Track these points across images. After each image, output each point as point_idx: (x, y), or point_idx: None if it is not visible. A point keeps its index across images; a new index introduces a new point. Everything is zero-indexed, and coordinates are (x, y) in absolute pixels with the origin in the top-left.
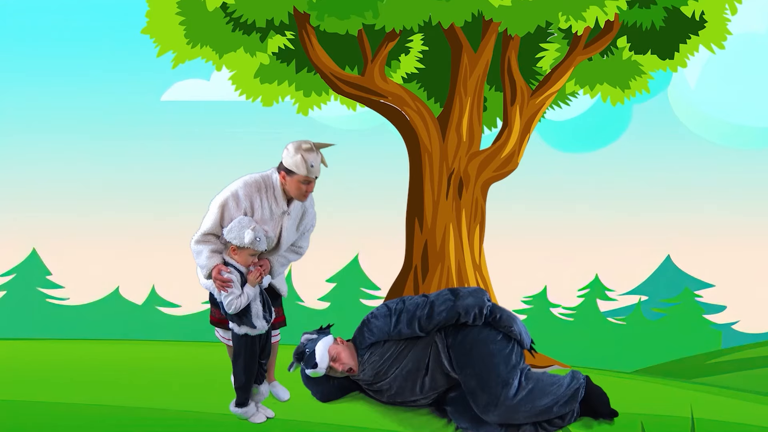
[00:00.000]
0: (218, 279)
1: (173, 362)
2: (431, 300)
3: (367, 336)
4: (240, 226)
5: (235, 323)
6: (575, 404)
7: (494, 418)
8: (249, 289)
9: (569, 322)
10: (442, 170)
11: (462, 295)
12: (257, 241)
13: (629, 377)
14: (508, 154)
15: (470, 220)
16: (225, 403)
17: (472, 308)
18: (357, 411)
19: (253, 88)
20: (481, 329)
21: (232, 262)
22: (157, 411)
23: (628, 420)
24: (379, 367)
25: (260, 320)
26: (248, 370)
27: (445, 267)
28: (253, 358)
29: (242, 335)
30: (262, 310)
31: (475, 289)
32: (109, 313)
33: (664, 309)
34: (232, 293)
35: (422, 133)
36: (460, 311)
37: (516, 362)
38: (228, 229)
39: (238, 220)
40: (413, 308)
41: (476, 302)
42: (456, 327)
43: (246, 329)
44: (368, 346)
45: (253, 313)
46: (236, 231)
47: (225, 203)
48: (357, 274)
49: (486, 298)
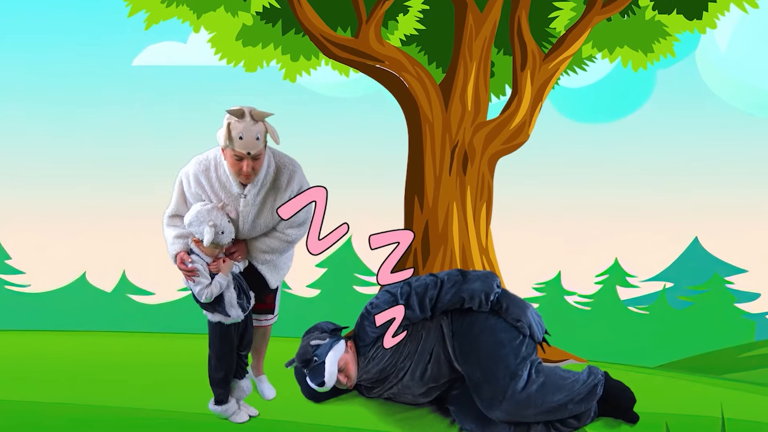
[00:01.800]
0: (182, 269)
1: (146, 356)
2: (441, 279)
3: (370, 330)
4: (198, 221)
5: (209, 311)
6: (592, 402)
7: (500, 414)
8: (220, 278)
9: (586, 312)
10: (444, 143)
11: (470, 278)
12: (219, 235)
13: (652, 373)
14: (518, 124)
15: (476, 198)
16: (204, 402)
17: (478, 294)
18: (352, 411)
19: (235, 52)
20: (489, 316)
21: (196, 251)
22: (128, 410)
23: (652, 420)
24: (387, 361)
25: (234, 309)
26: (225, 362)
27: (447, 250)
28: (229, 350)
29: (216, 323)
30: (237, 298)
31: (486, 273)
32: (75, 302)
33: (691, 297)
34: (200, 282)
35: (423, 102)
36: (464, 295)
37: (527, 354)
38: (188, 221)
39: (196, 212)
40: (422, 289)
41: (483, 288)
42: (462, 312)
43: (219, 317)
44: (372, 342)
45: (226, 302)
46: (195, 225)
47: (180, 184)
48: (350, 258)
49: (495, 284)
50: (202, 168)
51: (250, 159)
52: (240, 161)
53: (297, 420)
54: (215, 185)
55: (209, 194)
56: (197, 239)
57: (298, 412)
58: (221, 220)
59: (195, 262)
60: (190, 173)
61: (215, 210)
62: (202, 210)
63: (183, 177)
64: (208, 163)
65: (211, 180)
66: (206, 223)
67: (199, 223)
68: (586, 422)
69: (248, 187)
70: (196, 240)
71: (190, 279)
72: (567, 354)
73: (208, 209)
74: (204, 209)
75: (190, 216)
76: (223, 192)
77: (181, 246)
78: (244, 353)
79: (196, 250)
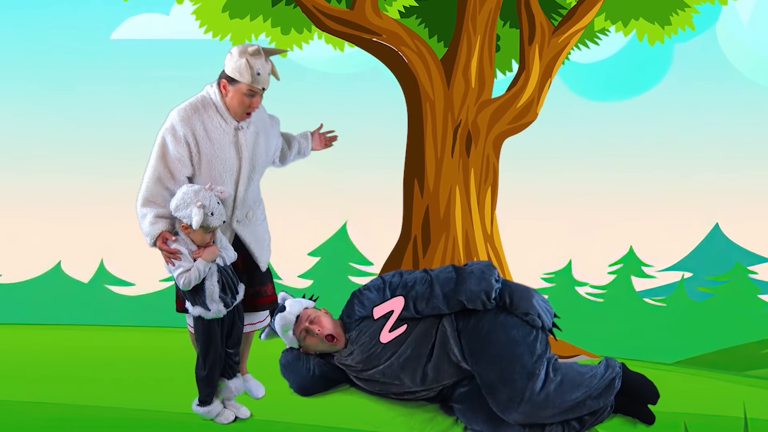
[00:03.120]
0: (164, 249)
1: (126, 352)
2: (432, 277)
3: (357, 309)
4: (185, 203)
5: (189, 302)
6: (610, 397)
7: (517, 416)
8: (201, 264)
9: (598, 304)
10: (446, 122)
11: (465, 276)
12: (209, 217)
13: (670, 369)
14: (526, 103)
15: (480, 181)
16: (189, 401)
17: (477, 294)
18: (345, 408)
19: (221, 24)
20: (498, 312)
21: (184, 237)
22: (106, 410)
23: (669, 420)
24: (370, 349)
25: (216, 303)
26: (209, 359)
27: (450, 238)
28: (214, 347)
29: (197, 317)
30: (219, 292)
31: (480, 268)
32: (49, 293)
33: (712, 288)
34: (180, 266)
35: (423, 78)
36: (462, 299)
37: (542, 351)
38: (174, 205)
39: (182, 194)
40: (411, 283)
41: (481, 287)
42: (467, 309)
43: (200, 310)
44: (358, 320)
45: (207, 294)
46: (183, 208)
47: (163, 145)
48: (345, 246)
49: (494, 278)
50: (192, 110)
51: (260, 95)
52: (252, 97)
53: (289, 420)
54: (210, 124)
55: (203, 137)
56: (186, 224)
57: (290, 411)
58: (210, 201)
59: (178, 242)
60: (177, 122)
61: (203, 191)
62: (188, 191)
63: (166, 133)
64: (198, 103)
65: (204, 119)
66: (194, 204)
67: (186, 204)
68: (602, 418)
69: (243, 122)
70: (184, 225)
71: (170, 261)
72: (578, 349)
73: (195, 190)
74: (191, 190)
75: (176, 200)
76: (217, 132)
77: (163, 226)
78: (232, 351)
79: (183, 236)
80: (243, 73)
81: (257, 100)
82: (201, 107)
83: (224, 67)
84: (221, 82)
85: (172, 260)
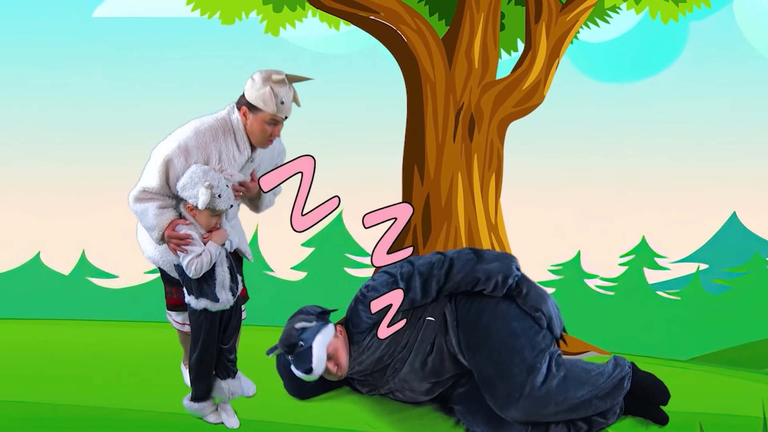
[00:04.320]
0: (173, 237)
1: (108, 347)
2: (450, 257)
3: (365, 316)
4: (193, 182)
5: (193, 295)
6: (619, 398)
7: (516, 414)
8: (212, 247)
9: (609, 297)
10: (448, 105)
11: (486, 257)
12: (216, 199)
13: (684, 366)
14: (532, 84)
15: (484, 168)
16: (177, 400)
17: (495, 274)
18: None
19: (210, 1)
20: (501, 302)
21: (189, 218)
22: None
23: (684, 420)
24: (383, 350)
25: (225, 291)
26: (209, 356)
27: (451, 227)
28: (212, 342)
29: (201, 311)
30: (230, 279)
31: (503, 253)
32: (28, 286)
33: (729, 280)
34: (192, 251)
35: (423, 59)
36: (479, 275)
37: (545, 345)
38: (181, 184)
39: (190, 173)
40: (427, 269)
41: (501, 269)
42: (468, 297)
43: (206, 303)
44: (367, 330)
45: (218, 282)
46: (190, 188)
47: (169, 160)
48: (341, 236)
49: (515, 266)
50: (211, 135)
51: (282, 123)
52: (274, 125)
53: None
54: (226, 152)
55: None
56: (191, 205)
57: (282, 411)
58: (219, 182)
59: (188, 227)
60: (191, 144)
61: (212, 171)
62: (197, 170)
63: (177, 150)
64: (218, 128)
65: (221, 147)
66: (201, 184)
67: (194, 184)
68: (612, 420)
69: (255, 151)
70: (190, 206)
71: (181, 249)
72: (587, 345)
73: (204, 170)
74: (199, 169)
75: (184, 179)
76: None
77: (171, 215)
78: (226, 347)
79: (191, 219)
80: (267, 102)
81: (279, 128)
82: (221, 133)
83: (245, 92)
84: (242, 109)
85: (183, 247)
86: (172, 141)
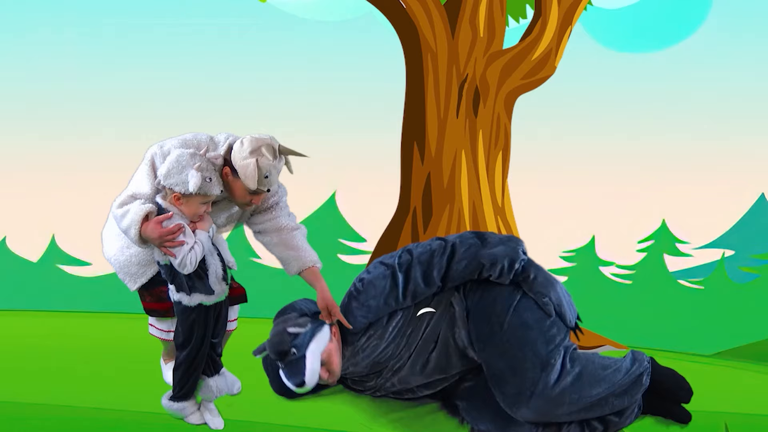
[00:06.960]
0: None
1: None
2: (452, 243)
3: (360, 315)
4: (180, 167)
5: (184, 291)
6: (637, 396)
7: (527, 413)
8: (202, 235)
9: (626, 286)
10: (450, 77)
11: (490, 241)
12: (207, 183)
13: (708, 361)
14: (542, 55)
15: (490, 145)
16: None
17: (501, 259)
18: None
19: None
20: (513, 291)
21: (174, 209)
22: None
23: (708, 420)
24: (381, 353)
25: (220, 283)
26: (203, 352)
27: (455, 210)
28: (209, 336)
29: (194, 307)
30: (221, 268)
31: (509, 236)
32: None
33: (756, 268)
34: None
35: (424, 26)
36: (484, 261)
37: (559, 339)
38: (165, 171)
39: (176, 157)
40: (428, 257)
41: (507, 252)
42: (477, 285)
43: (200, 297)
44: (363, 330)
45: (211, 273)
46: (176, 173)
47: (152, 161)
48: (334, 219)
49: (522, 249)
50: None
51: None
52: (256, 195)
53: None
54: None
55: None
56: (178, 194)
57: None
58: (208, 166)
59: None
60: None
61: (198, 155)
62: (183, 153)
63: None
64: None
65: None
66: (190, 167)
67: (182, 168)
68: (630, 419)
69: None
70: (176, 195)
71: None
72: (603, 339)
73: (190, 153)
74: (186, 152)
75: (167, 164)
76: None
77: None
78: (215, 341)
79: (174, 209)
80: (248, 177)
81: (261, 198)
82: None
83: (232, 152)
84: (225, 168)
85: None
86: (158, 145)
